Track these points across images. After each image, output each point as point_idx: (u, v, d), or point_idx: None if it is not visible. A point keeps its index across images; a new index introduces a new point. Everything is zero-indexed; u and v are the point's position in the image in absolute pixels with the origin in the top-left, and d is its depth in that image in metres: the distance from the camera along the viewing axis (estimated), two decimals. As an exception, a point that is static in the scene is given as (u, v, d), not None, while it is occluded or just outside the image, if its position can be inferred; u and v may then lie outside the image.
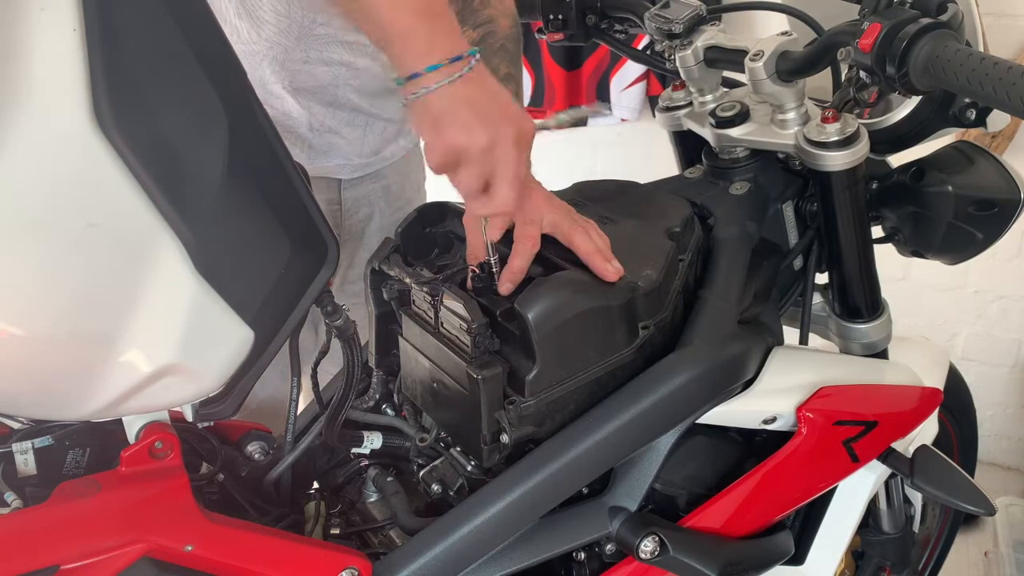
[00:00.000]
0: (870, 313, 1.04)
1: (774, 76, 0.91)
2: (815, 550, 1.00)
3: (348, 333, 0.85)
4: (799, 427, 0.89)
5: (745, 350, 0.88)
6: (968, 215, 1.01)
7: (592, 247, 0.82)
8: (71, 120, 0.58)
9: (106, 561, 0.68)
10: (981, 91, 0.72)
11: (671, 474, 0.88)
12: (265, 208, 0.74)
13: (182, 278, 0.65)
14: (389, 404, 1.03)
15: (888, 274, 1.02)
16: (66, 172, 0.59)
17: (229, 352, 0.71)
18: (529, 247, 0.83)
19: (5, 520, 0.71)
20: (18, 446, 0.79)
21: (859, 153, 0.90)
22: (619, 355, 0.83)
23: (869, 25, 0.80)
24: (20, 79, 0.57)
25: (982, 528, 1.95)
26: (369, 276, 0.95)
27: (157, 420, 0.79)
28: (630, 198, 1.00)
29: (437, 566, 0.77)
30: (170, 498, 0.75)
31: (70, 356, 0.65)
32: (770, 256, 1.02)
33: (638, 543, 0.82)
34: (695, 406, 0.86)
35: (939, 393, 1.07)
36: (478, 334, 0.79)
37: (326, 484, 1.00)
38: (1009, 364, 2.23)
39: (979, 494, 1.00)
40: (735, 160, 1.04)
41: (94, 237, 0.60)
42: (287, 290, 0.78)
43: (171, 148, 0.64)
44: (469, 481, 0.88)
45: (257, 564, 0.73)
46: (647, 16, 1.06)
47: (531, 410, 0.79)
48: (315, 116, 1.14)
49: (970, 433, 1.40)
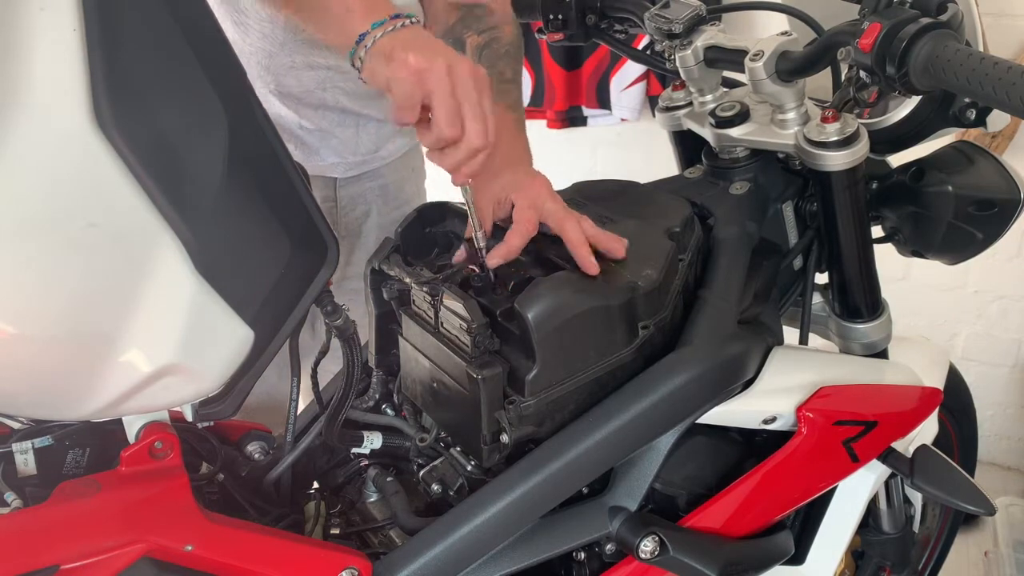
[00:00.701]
0: (870, 313, 1.04)
1: (774, 76, 0.91)
2: (815, 550, 1.00)
3: (348, 333, 0.85)
4: (799, 427, 0.89)
5: (745, 350, 0.88)
6: (968, 215, 1.01)
7: (580, 237, 0.84)
8: (71, 120, 0.58)
9: (106, 561, 0.68)
10: (981, 91, 0.72)
11: (671, 474, 0.88)
12: (265, 208, 0.74)
13: (182, 278, 0.65)
14: (389, 404, 1.03)
15: (888, 274, 1.02)
16: (66, 172, 0.59)
17: (229, 352, 0.71)
18: (527, 229, 0.86)
19: (5, 520, 0.71)
20: (18, 446, 0.79)
21: (859, 153, 0.90)
22: (619, 355, 0.83)
23: (869, 25, 0.80)
24: (20, 79, 0.57)
25: (982, 528, 1.95)
26: (369, 276, 0.95)
27: (157, 420, 0.79)
28: (630, 198, 1.01)
29: (437, 566, 0.77)
30: (170, 498, 0.75)
31: (70, 356, 0.65)
32: (770, 256, 1.02)
33: (638, 543, 0.82)
34: (695, 406, 0.86)
35: (939, 393, 1.07)
36: (478, 334, 0.79)
37: (326, 484, 1.00)
38: (1009, 364, 2.23)
39: (979, 494, 1.00)
40: (735, 160, 1.04)
41: (94, 237, 0.60)
42: (287, 290, 0.78)
43: (171, 148, 0.64)
44: (469, 481, 0.88)
45: (257, 564, 0.73)
46: (647, 16, 1.06)
47: (531, 410, 0.79)
48: (305, 118, 1.15)
49: (970, 433, 1.40)
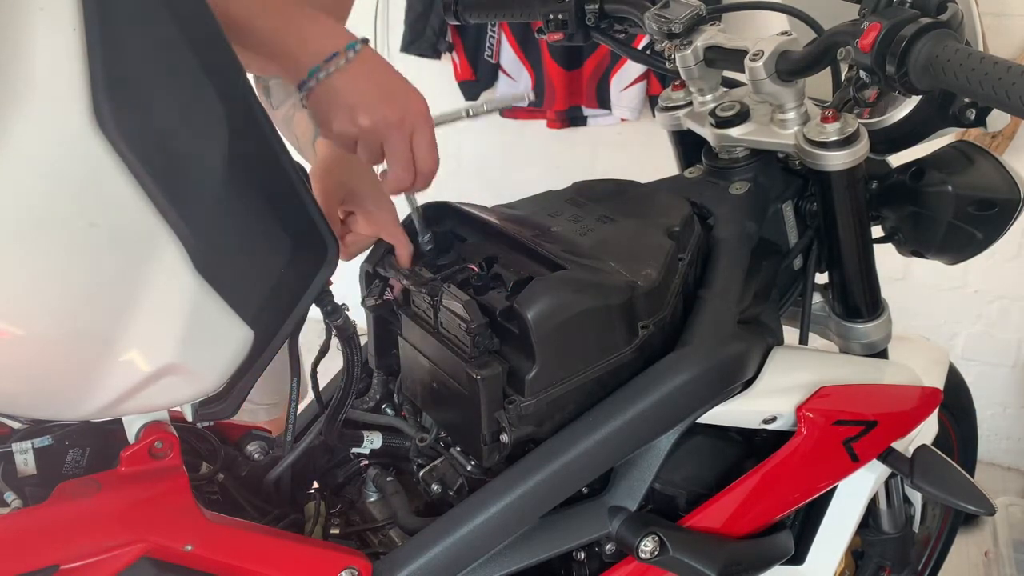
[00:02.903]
0: (870, 313, 1.04)
1: (774, 76, 0.91)
2: (815, 550, 1.00)
3: (348, 333, 0.85)
4: (799, 427, 0.89)
5: (745, 350, 0.88)
6: (968, 215, 1.01)
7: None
8: (71, 120, 0.58)
9: (106, 561, 0.68)
10: (981, 91, 0.72)
11: (671, 474, 0.88)
12: (265, 208, 0.74)
13: (182, 278, 0.65)
14: (389, 404, 1.03)
15: (888, 274, 1.02)
16: (66, 172, 0.59)
17: (229, 352, 0.71)
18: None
19: (5, 520, 0.71)
20: (18, 446, 0.79)
21: (859, 153, 0.90)
22: (619, 354, 0.83)
23: (869, 25, 0.80)
24: (20, 79, 0.57)
25: (982, 528, 1.95)
26: (364, 278, 0.95)
27: (157, 420, 0.79)
28: (630, 197, 1.00)
29: (437, 566, 0.77)
30: (170, 498, 0.75)
31: (70, 356, 0.65)
32: (770, 256, 1.02)
33: (638, 543, 0.82)
34: (695, 406, 0.86)
35: (939, 393, 1.07)
36: (477, 334, 0.79)
37: (326, 484, 1.00)
38: (1009, 364, 2.23)
39: (979, 494, 1.00)
40: (735, 160, 1.04)
41: (94, 237, 0.60)
42: (287, 290, 0.78)
43: (171, 148, 0.64)
44: (469, 481, 0.88)
45: (257, 564, 0.73)
46: (647, 16, 1.06)
47: (531, 410, 0.79)
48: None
49: (970, 433, 1.40)
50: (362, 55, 0.79)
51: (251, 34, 0.78)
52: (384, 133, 0.80)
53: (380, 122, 0.79)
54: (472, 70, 2.51)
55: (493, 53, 2.46)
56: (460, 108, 0.93)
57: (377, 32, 2.67)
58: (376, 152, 0.82)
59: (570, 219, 0.94)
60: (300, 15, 0.80)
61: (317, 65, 0.78)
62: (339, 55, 0.78)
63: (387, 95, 0.79)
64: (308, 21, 0.80)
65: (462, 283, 0.86)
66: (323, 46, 0.78)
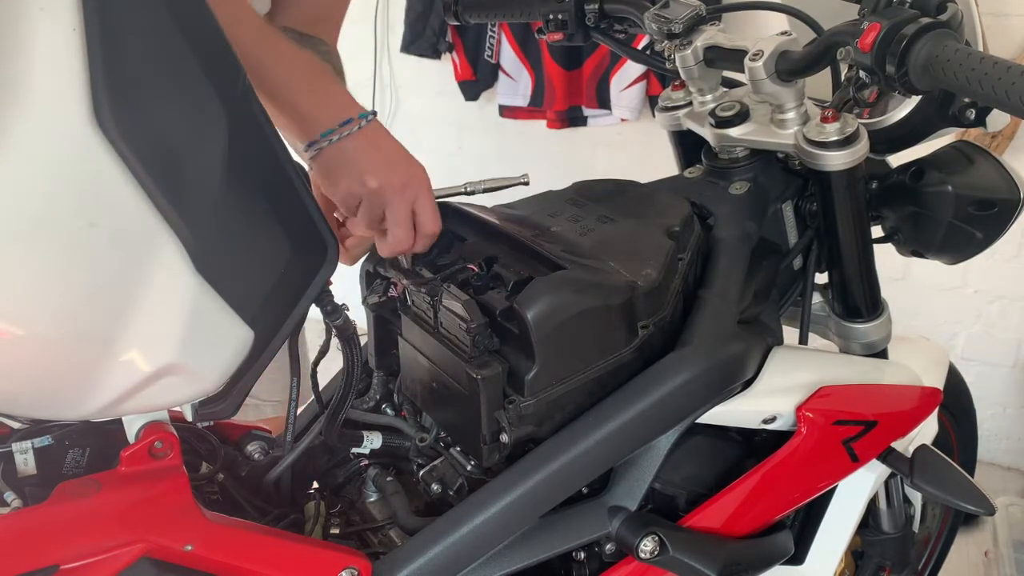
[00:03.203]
0: (870, 313, 1.04)
1: (774, 76, 0.91)
2: (815, 550, 1.00)
3: (348, 333, 0.86)
4: (799, 427, 0.89)
5: (745, 350, 0.88)
6: (968, 215, 1.01)
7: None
8: (71, 120, 0.58)
9: (106, 561, 0.68)
10: (981, 91, 0.72)
11: (671, 474, 0.88)
12: (265, 208, 0.74)
13: (182, 278, 0.65)
14: (389, 404, 1.03)
15: (888, 274, 1.02)
16: (66, 172, 0.59)
17: (229, 352, 0.71)
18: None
19: (5, 520, 0.71)
20: (18, 446, 0.79)
21: (859, 153, 0.90)
22: (618, 355, 0.83)
23: (869, 25, 0.80)
24: (20, 79, 0.57)
25: (982, 528, 1.95)
26: (364, 277, 0.95)
27: (157, 420, 0.79)
28: (630, 197, 1.00)
29: (437, 566, 0.77)
30: (170, 498, 0.75)
31: (70, 356, 0.65)
32: (770, 256, 1.02)
33: (638, 543, 0.82)
34: (695, 406, 0.86)
35: (939, 393, 1.07)
36: (477, 334, 0.79)
37: (326, 484, 1.00)
38: (1009, 364, 2.23)
39: (979, 494, 1.00)
40: (735, 160, 1.04)
41: (94, 237, 0.60)
42: (287, 290, 0.78)
43: (171, 148, 0.64)
44: (469, 481, 0.88)
45: (257, 564, 0.73)
46: (647, 16, 1.06)
47: (531, 409, 0.79)
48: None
49: (970, 433, 1.40)
50: (373, 125, 0.85)
51: (273, 84, 0.82)
52: (389, 197, 0.84)
53: (386, 186, 0.84)
54: (472, 70, 2.51)
55: (493, 53, 2.46)
56: (459, 185, 1.00)
57: (377, 32, 2.67)
58: (377, 215, 0.86)
59: (570, 219, 0.94)
60: (324, 78, 0.86)
61: (332, 128, 0.82)
62: (353, 121, 0.83)
63: (394, 163, 0.85)
64: (330, 85, 0.86)
65: (462, 283, 0.86)
66: (340, 111, 0.83)
